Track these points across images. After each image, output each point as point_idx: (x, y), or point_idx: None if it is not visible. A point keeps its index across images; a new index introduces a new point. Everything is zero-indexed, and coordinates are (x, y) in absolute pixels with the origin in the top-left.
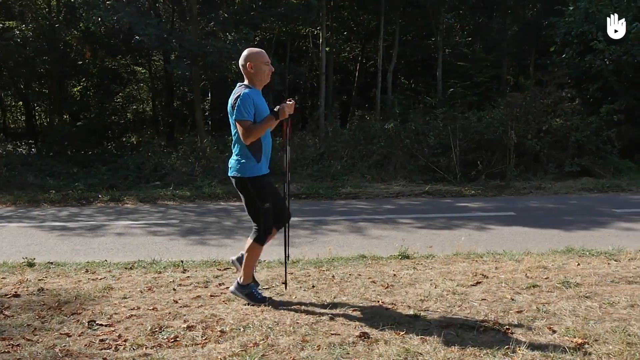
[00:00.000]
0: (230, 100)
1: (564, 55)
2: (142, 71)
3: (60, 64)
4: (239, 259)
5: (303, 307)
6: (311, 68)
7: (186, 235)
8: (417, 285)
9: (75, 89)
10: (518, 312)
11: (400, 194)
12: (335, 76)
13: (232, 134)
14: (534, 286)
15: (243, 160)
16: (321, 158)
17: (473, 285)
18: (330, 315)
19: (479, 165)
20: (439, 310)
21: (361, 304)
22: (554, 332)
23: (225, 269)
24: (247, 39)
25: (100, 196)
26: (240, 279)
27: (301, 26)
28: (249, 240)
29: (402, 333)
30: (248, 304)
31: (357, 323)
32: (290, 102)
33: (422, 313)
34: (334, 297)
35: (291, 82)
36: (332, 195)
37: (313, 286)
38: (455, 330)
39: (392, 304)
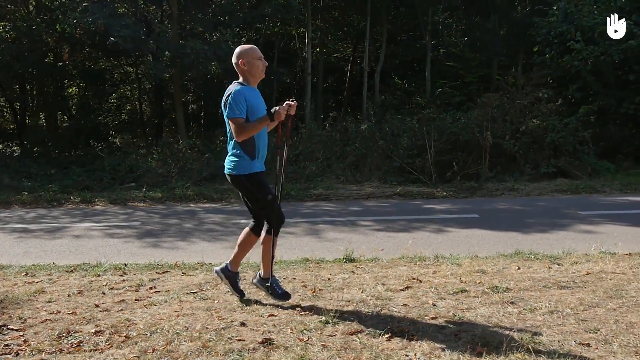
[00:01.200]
0: (223, 98)
1: (547, 56)
2: (130, 70)
3: (40, 66)
4: (224, 270)
5: (221, 312)
6: (302, 69)
7: (142, 238)
8: (346, 290)
9: (70, 90)
10: (433, 318)
11: (371, 195)
12: (327, 77)
13: (227, 132)
14: (462, 291)
15: (237, 159)
16: (297, 159)
17: (402, 290)
18: (242, 321)
19: (455, 166)
20: (354, 316)
21: (280, 309)
22: (459, 339)
23: (164, 272)
24: (226, 41)
25: (72, 198)
26: (260, 274)
27: (288, 27)
28: (262, 234)
29: (306, 339)
30: (269, 296)
31: (267, 329)
32: (293, 103)
33: (335, 319)
34: (257, 302)
35: (280, 83)
36: (303, 197)
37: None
38: (362, 337)
39: (311, 309)
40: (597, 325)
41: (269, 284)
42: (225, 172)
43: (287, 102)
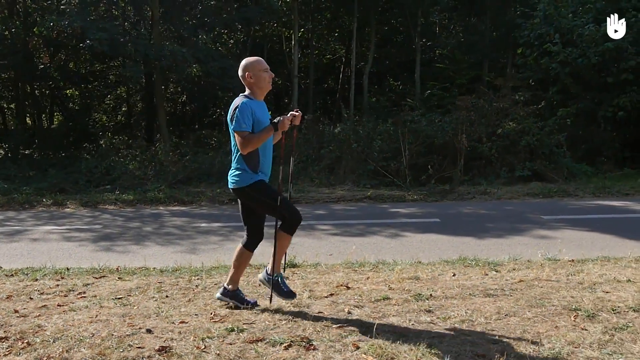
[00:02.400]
0: (230, 112)
1: (528, 58)
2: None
3: (21, 68)
4: (224, 293)
5: (135, 318)
6: (289, 71)
7: (98, 241)
8: (262, 298)
9: (68, 91)
10: (340, 327)
11: (342, 199)
12: (321, 79)
13: (232, 146)
14: (385, 298)
15: (240, 172)
16: (273, 162)
17: (325, 296)
18: (150, 328)
19: (430, 169)
20: (264, 324)
21: (192, 316)
22: (358, 348)
23: (101, 277)
24: (205, 43)
25: (44, 200)
26: (268, 268)
27: (275, 29)
28: (279, 230)
29: (203, 348)
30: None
31: (171, 336)
32: (297, 114)
33: (244, 326)
34: (175, 309)
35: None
36: None
37: (167, 296)
38: (260, 346)
39: (226, 316)
40: (502, 336)
41: (276, 279)
42: (229, 186)
43: (291, 112)
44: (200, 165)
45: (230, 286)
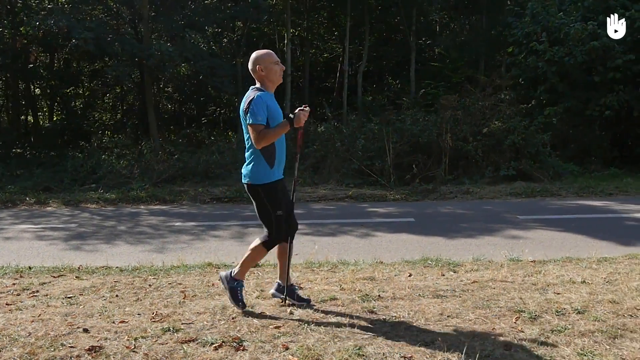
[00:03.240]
0: (243, 105)
1: (518, 57)
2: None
3: (9, 67)
4: (279, 290)
5: (77, 317)
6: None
7: (69, 240)
8: (219, 296)
9: (67, 90)
10: (277, 327)
11: (324, 198)
12: (319, 77)
13: (245, 140)
14: (332, 299)
15: (256, 167)
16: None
17: (268, 298)
18: (87, 328)
19: (414, 168)
20: (203, 324)
21: (134, 316)
22: (287, 349)
23: (59, 276)
24: (193, 42)
25: (27, 199)
26: (233, 271)
27: (269, 27)
28: (257, 241)
29: (133, 347)
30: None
31: (105, 336)
32: (307, 109)
33: (182, 326)
34: (120, 308)
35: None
36: None
37: (117, 295)
38: (190, 346)
39: (167, 316)
40: (437, 338)
41: (234, 285)
42: (242, 180)
43: (300, 108)
44: (186, 164)
45: (281, 282)
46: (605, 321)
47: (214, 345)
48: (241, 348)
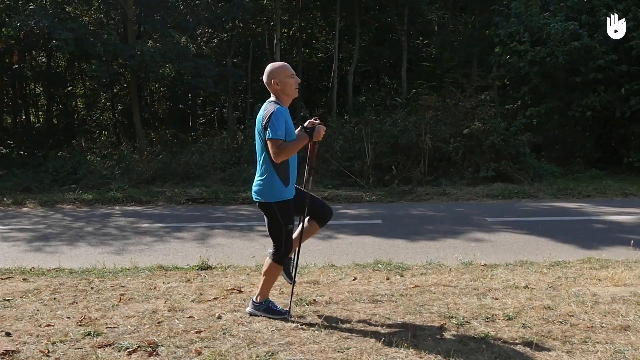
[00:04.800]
0: (261, 119)
1: (507, 57)
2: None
3: None
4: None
5: (7, 321)
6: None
7: (33, 242)
8: (154, 300)
9: (66, 90)
10: (198, 332)
11: None
12: (310, 77)
13: (258, 155)
14: None
15: (270, 184)
16: (238, 162)
17: (210, 300)
18: (9, 331)
19: (394, 169)
20: (127, 328)
21: (62, 319)
22: (200, 354)
23: (7, 278)
24: (176, 42)
25: (5, 199)
26: (256, 298)
27: (259, 27)
28: (268, 261)
29: (47, 352)
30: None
31: (25, 340)
32: (321, 124)
33: (105, 330)
34: (52, 311)
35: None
36: (230, 200)
37: (55, 298)
38: (105, 351)
39: (95, 320)
40: (353, 345)
41: (264, 306)
42: (253, 198)
43: (310, 120)
44: (166, 165)
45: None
46: (532, 328)
47: (128, 350)
48: (154, 353)
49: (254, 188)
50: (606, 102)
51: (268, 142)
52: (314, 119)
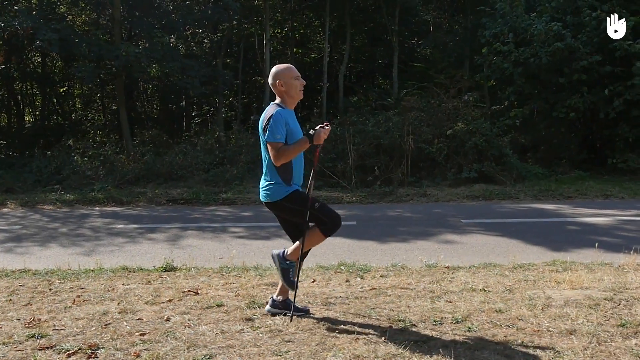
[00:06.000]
0: (262, 121)
1: (495, 58)
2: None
3: None
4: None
5: None
6: (261, 69)
7: (5, 242)
8: (109, 301)
9: (62, 90)
10: (142, 334)
11: None
12: (305, 77)
13: (263, 156)
14: (218, 305)
15: (272, 185)
16: (221, 162)
17: (164, 302)
18: None
19: (376, 170)
20: (71, 330)
21: (12, 321)
22: (138, 356)
23: None
24: (161, 43)
25: None
26: (287, 251)
27: (248, 27)
28: (315, 229)
29: None
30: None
31: None
32: (327, 127)
33: (51, 332)
34: (3, 313)
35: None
36: (210, 201)
37: (10, 299)
38: (44, 353)
39: (44, 321)
40: (293, 349)
41: (288, 268)
42: (261, 199)
43: (320, 125)
44: (150, 165)
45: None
46: (477, 331)
47: (68, 353)
48: (93, 355)
49: (260, 189)
50: (590, 104)
51: (267, 144)
52: (325, 124)
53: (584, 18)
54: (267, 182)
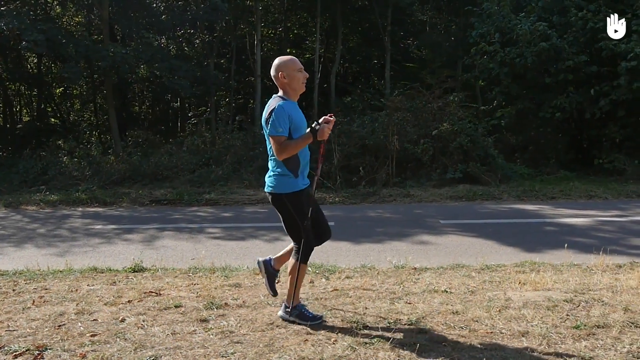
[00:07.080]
0: (265, 114)
1: (481, 59)
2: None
3: None
4: (266, 263)
5: None
6: (253, 69)
7: None
8: (69, 302)
9: (58, 90)
10: (93, 335)
11: (263, 200)
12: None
13: (268, 149)
14: (176, 306)
15: (279, 176)
16: (207, 163)
17: (123, 303)
18: None
19: (361, 171)
20: (26, 331)
21: None
22: (84, 357)
23: None
24: (149, 44)
25: None
26: (287, 304)
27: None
28: (292, 261)
29: None
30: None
31: None
32: (332, 119)
33: (3, 334)
34: None
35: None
36: (193, 202)
37: None
38: None
39: (3, 322)
40: (239, 350)
41: (296, 312)
42: (266, 190)
43: (324, 117)
44: (137, 166)
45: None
46: (429, 333)
47: (15, 353)
48: (40, 356)
49: (266, 180)
50: (577, 104)
51: (270, 138)
52: (329, 115)
53: (570, 18)
54: (273, 173)
